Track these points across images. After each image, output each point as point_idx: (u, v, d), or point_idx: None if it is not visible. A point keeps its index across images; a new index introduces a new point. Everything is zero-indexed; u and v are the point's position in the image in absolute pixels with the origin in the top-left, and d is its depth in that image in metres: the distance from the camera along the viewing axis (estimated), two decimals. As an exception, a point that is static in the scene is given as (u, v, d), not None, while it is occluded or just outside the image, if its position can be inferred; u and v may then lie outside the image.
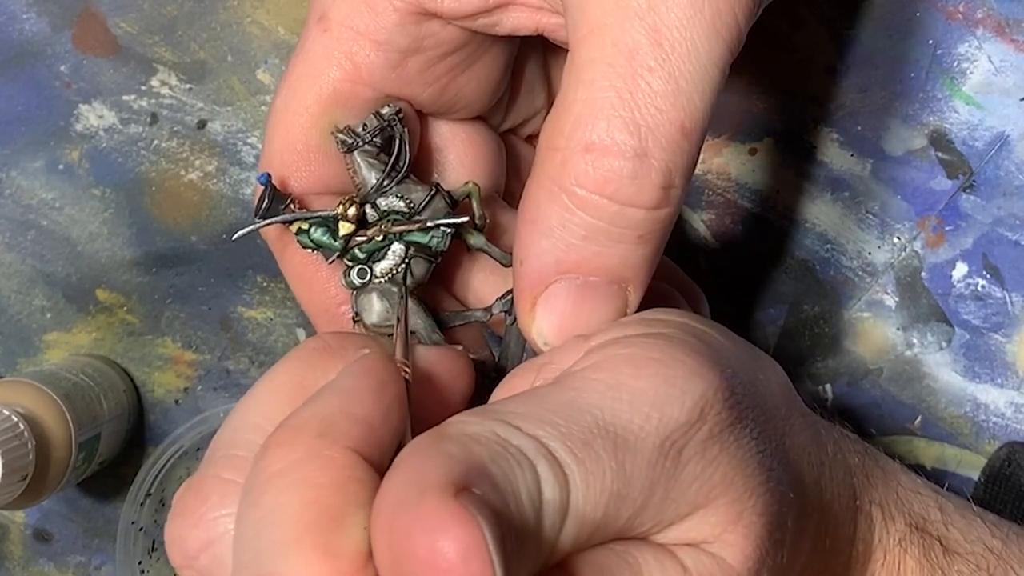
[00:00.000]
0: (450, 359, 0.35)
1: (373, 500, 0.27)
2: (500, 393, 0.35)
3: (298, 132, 0.37)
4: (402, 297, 0.38)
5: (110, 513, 0.61)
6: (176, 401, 0.59)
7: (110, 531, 0.60)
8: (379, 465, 0.29)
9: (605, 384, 0.30)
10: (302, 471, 0.28)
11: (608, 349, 0.32)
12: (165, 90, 0.55)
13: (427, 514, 0.25)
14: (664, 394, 0.30)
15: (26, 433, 0.51)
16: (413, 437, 0.29)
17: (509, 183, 0.44)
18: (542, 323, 0.35)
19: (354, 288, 0.38)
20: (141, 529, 0.58)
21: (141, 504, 0.57)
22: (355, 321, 0.39)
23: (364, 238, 0.38)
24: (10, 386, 0.54)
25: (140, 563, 0.58)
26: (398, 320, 0.36)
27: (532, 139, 0.45)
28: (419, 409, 0.33)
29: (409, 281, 0.38)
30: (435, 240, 0.38)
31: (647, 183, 0.33)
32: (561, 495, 0.28)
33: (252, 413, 0.32)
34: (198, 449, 0.59)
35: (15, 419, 0.51)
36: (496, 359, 0.40)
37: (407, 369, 0.33)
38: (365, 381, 0.30)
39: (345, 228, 0.37)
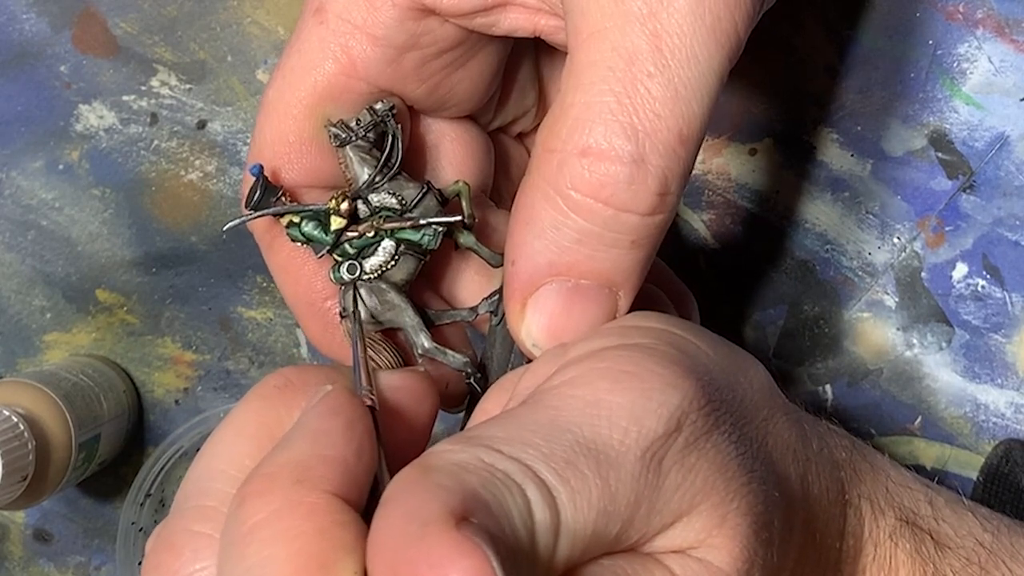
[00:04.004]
0: (414, 382, 0.35)
1: (359, 543, 0.27)
2: (482, 407, 0.35)
3: (291, 124, 0.37)
4: (358, 323, 0.37)
5: (110, 513, 0.61)
6: (176, 401, 0.59)
7: (110, 531, 0.60)
8: (357, 505, 0.28)
9: (583, 401, 0.30)
10: (284, 521, 0.27)
11: (584, 363, 0.32)
12: (165, 90, 0.55)
13: (432, 548, 0.25)
14: (642, 407, 0.30)
15: (26, 433, 0.52)
16: (386, 466, 0.29)
17: (497, 181, 0.44)
18: (531, 324, 0.35)
19: (343, 283, 0.38)
20: (141, 529, 0.58)
21: (141, 504, 0.57)
22: (342, 317, 0.38)
23: (355, 233, 0.37)
24: (10, 386, 0.54)
25: (140, 563, 0.58)
26: (357, 342, 0.36)
27: (522, 137, 0.45)
28: (387, 435, 0.33)
29: (400, 278, 0.38)
30: (426, 238, 0.38)
31: (643, 189, 0.33)
32: (551, 516, 0.28)
33: (218, 459, 0.32)
34: (198, 449, 0.59)
35: (15, 419, 0.51)
36: (479, 358, 0.40)
37: (372, 397, 0.33)
38: (334, 421, 0.30)
39: (337, 223, 0.37)
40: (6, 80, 0.56)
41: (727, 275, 0.54)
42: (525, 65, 0.42)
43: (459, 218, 0.38)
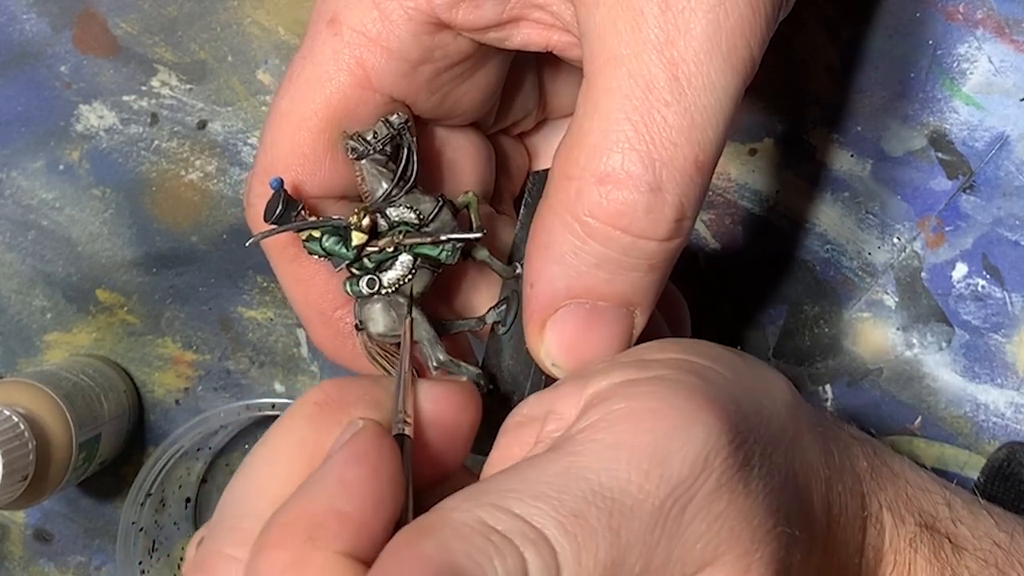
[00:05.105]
0: (456, 394, 0.35)
1: None
2: (504, 440, 0.34)
3: (306, 135, 0.37)
4: (406, 341, 0.37)
5: (110, 513, 0.61)
6: (176, 401, 0.59)
7: (110, 531, 0.60)
8: (371, 559, 0.29)
9: (603, 444, 0.30)
10: None
11: (605, 404, 0.32)
12: (165, 90, 0.55)
13: None
14: (665, 448, 0.30)
15: (26, 433, 0.52)
16: (415, 485, 0.30)
17: (497, 181, 0.44)
18: (551, 345, 0.36)
19: (360, 296, 0.38)
20: (141, 529, 0.58)
21: (141, 504, 0.57)
22: (359, 330, 0.38)
23: (376, 249, 0.37)
24: (10, 386, 0.54)
25: (140, 563, 0.58)
26: (404, 357, 0.36)
27: (522, 136, 0.45)
28: (424, 448, 0.33)
29: (416, 291, 0.38)
30: (445, 254, 0.38)
31: (660, 217, 0.33)
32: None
33: (256, 479, 0.33)
34: (198, 449, 0.59)
35: (15, 419, 0.51)
36: (481, 364, 0.40)
37: (409, 421, 0.33)
38: (357, 470, 0.30)
39: (358, 238, 0.37)
40: (6, 80, 0.56)
41: (727, 275, 0.54)
42: (528, 71, 0.42)
43: (479, 235, 0.38)
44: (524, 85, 0.42)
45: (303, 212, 0.37)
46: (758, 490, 0.31)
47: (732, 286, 0.54)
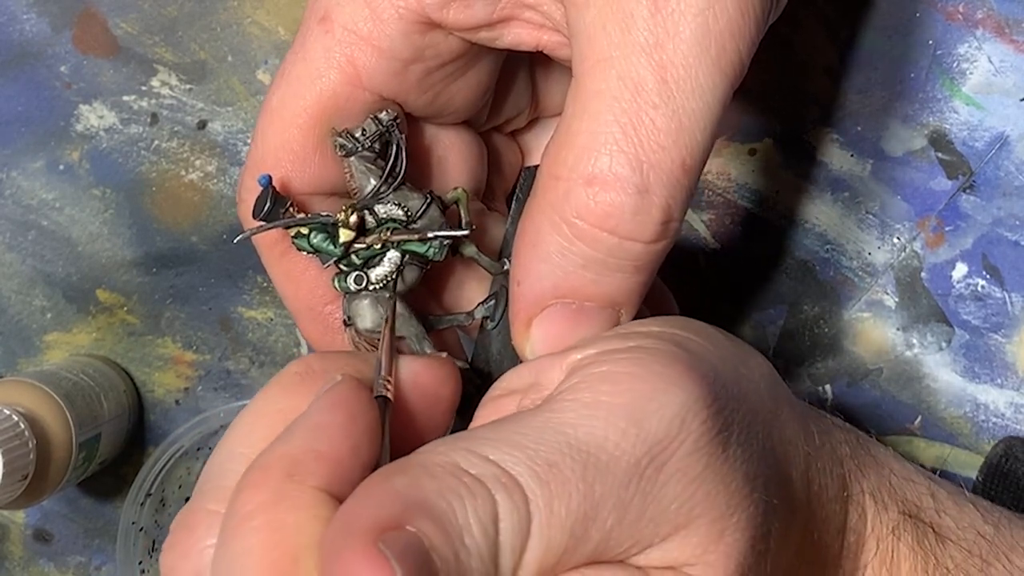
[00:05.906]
0: (435, 368, 0.35)
1: None
2: (484, 411, 0.35)
3: (295, 132, 0.37)
4: (389, 313, 0.38)
5: (110, 513, 0.61)
6: (176, 401, 0.59)
7: (110, 531, 0.61)
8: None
9: (581, 403, 0.31)
10: (269, 513, 0.29)
11: (587, 368, 0.32)
12: (165, 90, 0.55)
13: (346, 561, 0.26)
14: (642, 409, 0.30)
15: (26, 433, 0.52)
16: (395, 453, 0.30)
17: (490, 179, 0.44)
18: (537, 343, 0.36)
19: (348, 292, 0.38)
20: (141, 529, 0.58)
21: (141, 504, 0.57)
22: (347, 325, 0.39)
23: (363, 245, 0.38)
24: (10, 386, 0.54)
25: (140, 563, 0.58)
26: (386, 328, 0.37)
27: (514, 134, 0.46)
28: (405, 421, 0.34)
29: (400, 287, 0.38)
30: (432, 250, 0.38)
31: (647, 219, 0.34)
32: (520, 521, 0.28)
33: (237, 443, 0.33)
34: (198, 449, 0.59)
35: (15, 419, 0.51)
36: (469, 362, 0.40)
37: (389, 386, 0.33)
38: (334, 416, 0.31)
39: (345, 235, 0.37)
40: (6, 80, 0.56)
41: (727, 275, 0.54)
42: (520, 69, 0.42)
43: (466, 233, 0.38)
44: (517, 83, 0.43)
45: (292, 208, 0.37)
46: (736, 456, 0.31)
47: (732, 286, 0.54)
